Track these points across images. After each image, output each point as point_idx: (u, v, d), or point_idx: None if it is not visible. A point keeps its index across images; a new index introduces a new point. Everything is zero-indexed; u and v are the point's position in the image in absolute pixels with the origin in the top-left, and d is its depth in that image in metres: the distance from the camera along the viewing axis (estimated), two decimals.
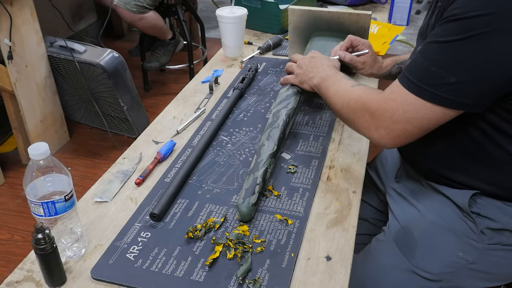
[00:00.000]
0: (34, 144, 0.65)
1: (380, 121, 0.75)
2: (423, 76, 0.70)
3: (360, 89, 0.82)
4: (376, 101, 0.76)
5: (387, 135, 0.75)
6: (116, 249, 0.74)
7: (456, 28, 0.66)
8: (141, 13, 2.30)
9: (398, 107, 0.73)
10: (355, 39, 1.09)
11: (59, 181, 0.68)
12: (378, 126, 0.75)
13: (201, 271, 0.70)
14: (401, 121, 0.73)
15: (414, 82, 0.70)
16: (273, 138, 0.90)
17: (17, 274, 0.71)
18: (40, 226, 0.63)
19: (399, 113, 0.73)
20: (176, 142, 1.00)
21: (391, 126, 0.74)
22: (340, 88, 0.86)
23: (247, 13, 1.39)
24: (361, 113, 0.78)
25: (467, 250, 0.84)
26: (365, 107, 0.78)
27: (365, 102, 0.78)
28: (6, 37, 1.78)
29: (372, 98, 0.77)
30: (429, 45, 0.70)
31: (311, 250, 0.74)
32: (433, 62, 0.68)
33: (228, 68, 1.36)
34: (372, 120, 0.76)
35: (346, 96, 0.83)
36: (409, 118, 0.72)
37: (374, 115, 0.76)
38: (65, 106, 2.22)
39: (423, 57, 0.70)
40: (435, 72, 0.68)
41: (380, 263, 0.92)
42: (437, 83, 0.68)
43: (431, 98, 0.69)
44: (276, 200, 0.84)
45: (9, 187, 2.00)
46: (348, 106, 0.81)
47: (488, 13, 0.63)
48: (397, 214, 0.94)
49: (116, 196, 0.86)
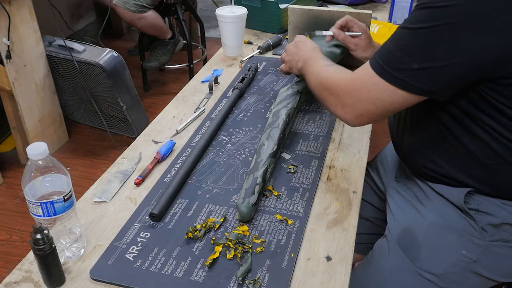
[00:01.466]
0: (33, 144, 0.65)
1: (346, 99, 0.78)
2: (389, 60, 0.72)
3: (332, 68, 0.86)
4: (344, 79, 0.79)
5: (351, 113, 0.78)
6: (115, 250, 0.74)
7: (423, 16, 0.68)
8: (140, 13, 2.30)
9: (363, 87, 0.75)
10: (351, 20, 1.10)
11: (58, 181, 0.67)
12: (344, 103, 0.79)
13: (201, 272, 0.70)
14: (364, 100, 0.76)
15: (381, 64, 0.73)
16: (273, 138, 0.89)
17: (15, 274, 0.71)
18: (39, 227, 0.63)
19: (363, 92, 0.75)
20: (175, 142, 1.00)
21: (355, 104, 0.77)
22: (315, 68, 0.90)
23: (247, 13, 1.38)
24: (330, 90, 0.82)
25: (470, 248, 0.84)
26: (334, 85, 0.81)
27: (334, 80, 0.81)
28: (5, 37, 1.77)
29: (341, 76, 0.81)
30: (398, 30, 0.73)
31: (311, 250, 0.74)
32: (399, 47, 0.71)
33: (228, 67, 1.35)
34: (339, 97, 0.79)
35: (319, 75, 0.86)
36: (372, 98, 0.75)
37: (341, 93, 0.79)
38: (64, 105, 2.21)
39: (391, 41, 0.73)
40: (400, 56, 0.70)
41: (385, 267, 0.92)
42: (401, 68, 0.70)
43: (394, 81, 0.72)
44: (276, 200, 0.83)
45: (7, 187, 1.99)
46: (320, 83, 0.85)
47: (454, 5, 0.65)
48: (397, 215, 0.94)
49: (115, 196, 0.86)
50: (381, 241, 0.96)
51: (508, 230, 0.82)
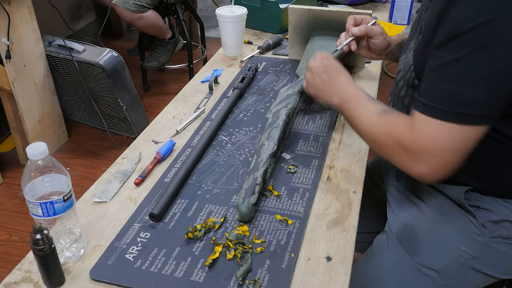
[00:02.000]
0: (33, 144, 0.65)
1: (418, 157, 0.70)
2: (447, 100, 0.67)
3: (386, 119, 0.77)
4: (408, 136, 0.71)
5: (429, 170, 0.71)
6: (115, 250, 0.74)
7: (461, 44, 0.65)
8: (140, 12, 2.29)
9: (433, 140, 0.68)
10: (356, 17, 1.06)
11: (58, 181, 0.67)
12: (417, 162, 0.71)
13: (201, 272, 0.70)
14: (440, 153, 0.69)
15: (442, 108, 0.67)
16: (273, 138, 0.89)
17: (15, 275, 0.71)
18: (39, 227, 0.63)
19: (435, 145, 0.68)
20: (175, 142, 1.00)
21: (430, 161, 0.70)
22: (365, 116, 0.80)
23: (247, 13, 1.38)
24: (394, 148, 0.74)
25: (470, 244, 0.84)
26: (397, 143, 0.73)
27: (396, 137, 0.74)
28: (4, 36, 1.77)
29: (402, 132, 0.73)
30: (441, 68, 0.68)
31: (311, 250, 0.74)
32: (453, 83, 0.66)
33: (228, 67, 1.35)
34: (409, 156, 0.72)
35: (373, 127, 0.78)
36: (447, 147, 0.68)
37: (409, 151, 0.71)
38: (64, 105, 2.21)
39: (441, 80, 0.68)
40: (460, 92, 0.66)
41: (384, 263, 0.92)
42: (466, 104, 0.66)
43: (465, 119, 0.66)
44: (276, 200, 0.83)
45: (7, 187, 1.99)
46: (379, 139, 0.77)
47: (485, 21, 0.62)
48: (398, 212, 0.94)
49: (115, 196, 0.86)
50: (380, 236, 0.96)
51: (508, 227, 0.83)
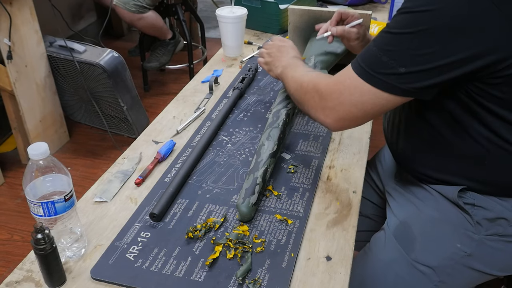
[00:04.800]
0: (34, 144, 0.65)
1: (327, 101, 0.78)
2: (374, 64, 0.72)
3: (313, 73, 0.87)
4: (325, 82, 0.79)
5: (332, 116, 0.78)
6: (116, 249, 0.74)
7: (406, 21, 0.69)
8: (140, 13, 2.30)
9: (345, 89, 0.75)
10: (344, 12, 1.09)
11: (59, 181, 0.67)
12: (325, 106, 0.78)
13: (201, 271, 0.70)
14: (346, 103, 0.75)
15: (365, 68, 0.73)
16: (273, 138, 0.90)
17: (16, 274, 0.71)
18: (40, 226, 0.63)
19: (345, 95, 0.75)
20: (176, 142, 1.00)
21: (336, 107, 0.77)
22: (296, 73, 0.90)
23: (247, 13, 1.38)
24: (311, 94, 0.82)
25: (465, 242, 0.85)
26: (315, 88, 0.81)
27: (315, 83, 0.81)
28: (6, 37, 1.78)
29: (322, 80, 0.81)
30: (383, 35, 0.73)
31: (311, 250, 0.74)
32: (384, 52, 0.71)
33: (228, 68, 1.36)
34: (320, 100, 0.79)
35: (300, 79, 0.87)
36: (354, 101, 0.75)
37: (322, 95, 0.79)
38: (65, 106, 2.22)
39: (376, 45, 0.73)
40: (386, 62, 0.70)
41: (380, 259, 0.93)
42: (387, 72, 0.71)
43: (379, 84, 0.72)
44: (276, 200, 0.84)
45: (8, 187, 2.00)
46: (301, 87, 0.85)
47: (435, 9, 0.66)
48: (395, 211, 0.95)
49: (116, 196, 0.86)
50: (378, 233, 0.97)
51: (503, 224, 0.83)
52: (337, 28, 1.07)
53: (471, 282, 0.90)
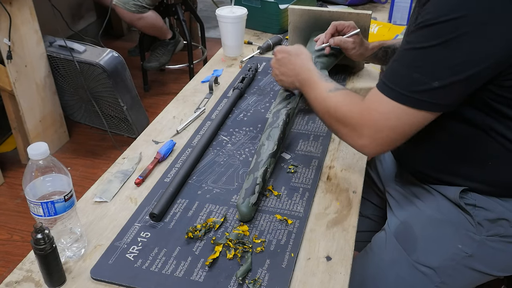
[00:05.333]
0: (34, 144, 0.65)
1: (363, 131, 0.75)
2: (404, 83, 0.70)
3: (338, 96, 0.81)
4: (357, 111, 0.76)
5: (370, 144, 0.75)
6: (116, 249, 0.74)
7: (430, 34, 0.68)
8: (140, 13, 2.30)
9: (380, 116, 0.73)
10: (339, 24, 1.10)
11: (59, 181, 0.67)
12: (361, 135, 0.76)
13: (201, 271, 0.70)
14: (384, 129, 0.73)
15: (396, 89, 0.71)
16: (273, 138, 0.90)
17: (16, 274, 0.71)
18: (40, 226, 0.63)
19: (381, 122, 0.73)
20: (176, 142, 1.00)
21: (374, 135, 0.74)
22: (318, 94, 0.85)
23: (247, 13, 1.38)
24: (342, 123, 0.79)
25: (466, 242, 0.85)
26: (346, 117, 0.78)
27: (345, 112, 0.78)
28: (6, 37, 1.78)
29: (352, 108, 0.77)
30: (406, 52, 0.72)
31: (311, 250, 0.74)
32: (414, 69, 0.70)
33: (228, 68, 1.35)
34: (355, 130, 0.76)
35: (325, 104, 0.82)
36: (392, 126, 0.73)
37: (356, 126, 0.76)
38: (65, 106, 2.22)
39: (402, 64, 0.71)
40: (418, 78, 0.69)
41: (381, 259, 0.93)
42: (420, 90, 0.69)
43: (415, 104, 0.70)
44: (276, 200, 0.84)
45: (8, 187, 1.99)
46: (329, 114, 0.82)
47: (458, 17, 0.65)
48: (396, 211, 0.95)
49: (115, 196, 0.86)
50: (379, 234, 0.97)
51: (505, 225, 0.83)
52: (334, 39, 1.09)
53: (472, 283, 0.90)
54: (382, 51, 1.14)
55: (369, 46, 1.13)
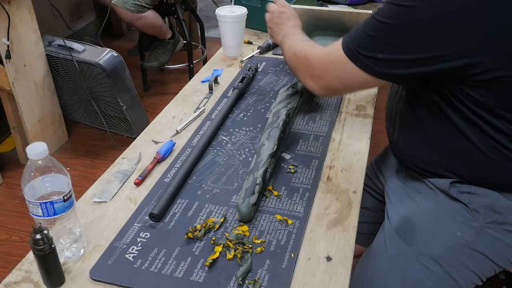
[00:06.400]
0: (32, 144, 0.65)
1: (315, 70, 0.86)
2: (358, 44, 0.78)
3: (307, 43, 0.95)
4: (316, 53, 0.87)
5: (317, 83, 0.86)
6: (115, 250, 0.74)
7: (391, 12, 0.73)
8: (139, 12, 2.29)
9: (330, 62, 0.83)
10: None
11: (58, 181, 0.67)
12: (312, 74, 0.87)
13: (201, 272, 0.70)
14: (330, 74, 0.83)
15: (350, 46, 0.78)
16: (273, 138, 0.89)
17: (15, 274, 0.71)
18: (39, 227, 0.63)
19: (330, 67, 0.83)
20: (175, 142, 1.00)
21: (322, 77, 0.85)
22: (292, 42, 0.98)
23: (247, 12, 1.38)
24: (302, 61, 0.90)
25: (465, 229, 0.86)
26: (306, 57, 0.89)
27: (307, 53, 0.89)
28: (4, 36, 1.77)
29: (313, 50, 0.89)
30: (371, 19, 0.77)
31: (311, 250, 0.74)
32: (368, 36, 0.76)
33: (228, 67, 1.35)
34: (309, 68, 0.87)
35: (294, 47, 0.95)
36: (336, 75, 0.82)
37: (310, 64, 0.87)
38: (64, 105, 2.21)
39: (363, 27, 0.78)
40: (368, 45, 0.76)
41: (384, 256, 0.93)
42: (367, 55, 0.76)
43: (359, 64, 0.78)
44: (276, 200, 0.83)
45: (7, 187, 1.99)
46: (294, 55, 0.94)
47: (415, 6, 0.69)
48: (396, 205, 0.96)
49: (115, 196, 0.86)
50: (380, 233, 0.98)
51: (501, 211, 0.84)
52: None
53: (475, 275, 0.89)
54: None
55: None
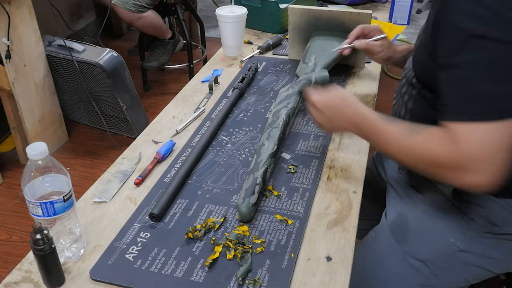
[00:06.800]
0: (33, 144, 0.65)
1: (469, 168, 0.65)
2: (483, 99, 0.64)
3: (419, 139, 0.71)
4: (451, 152, 0.66)
5: (484, 177, 0.64)
6: (115, 250, 0.74)
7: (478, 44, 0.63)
8: (139, 12, 2.29)
9: (480, 144, 0.64)
10: (365, 27, 1.09)
11: (58, 181, 0.67)
12: (468, 173, 0.65)
13: (201, 272, 0.70)
14: (490, 155, 0.64)
15: (475, 109, 0.64)
16: (273, 138, 0.89)
17: (15, 275, 0.71)
18: (39, 227, 0.63)
19: (484, 149, 0.63)
20: (175, 142, 1.00)
21: (483, 167, 0.64)
22: (391, 140, 0.75)
23: (247, 13, 1.38)
24: (438, 168, 0.69)
25: (458, 237, 0.85)
26: (440, 163, 0.68)
27: (435, 158, 0.68)
28: (4, 36, 1.77)
29: (443, 150, 0.67)
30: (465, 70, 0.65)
31: (311, 250, 0.74)
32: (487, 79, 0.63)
33: (228, 67, 1.35)
34: (457, 170, 0.66)
35: (407, 151, 0.73)
36: (497, 147, 0.63)
37: (457, 166, 0.66)
38: (64, 105, 2.21)
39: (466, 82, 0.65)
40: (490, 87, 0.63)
41: (373, 250, 0.93)
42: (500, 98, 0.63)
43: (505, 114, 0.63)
44: (276, 200, 0.83)
45: (7, 187, 1.99)
46: (417, 163, 0.72)
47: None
48: (395, 203, 0.96)
49: (115, 196, 0.86)
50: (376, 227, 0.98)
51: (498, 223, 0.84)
52: (360, 42, 1.07)
53: (464, 279, 0.90)
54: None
55: (397, 49, 1.10)
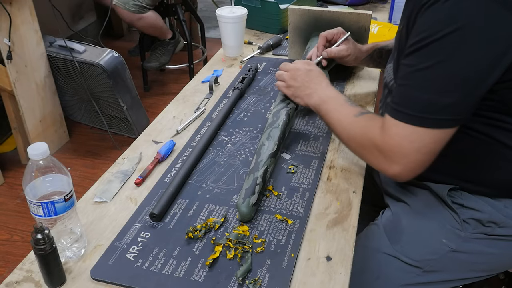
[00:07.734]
0: (34, 144, 0.65)
1: (391, 157, 0.74)
2: (418, 106, 0.70)
3: (363, 120, 0.81)
4: (380, 137, 0.75)
5: (402, 170, 0.74)
6: (116, 249, 0.74)
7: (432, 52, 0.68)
8: (140, 13, 2.30)
9: (403, 141, 0.72)
10: (327, 33, 1.09)
11: (59, 181, 0.67)
12: (390, 162, 0.75)
13: (201, 271, 0.70)
14: (410, 153, 0.72)
15: (411, 113, 0.71)
16: (273, 138, 0.90)
17: (16, 274, 0.71)
18: (40, 227, 0.63)
19: (405, 146, 0.72)
20: (176, 142, 1.00)
21: (402, 161, 0.73)
22: (343, 117, 0.84)
23: (247, 13, 1.38)
24: (369, 148, 0.78)
25: (451, 238, 0.86)
26: (372, 143, 0.77)
27: (370, 138, 0.77)
28: (6, 37, 1.78)
29: (376, 133, 0.76)
30: (411, 75, 0.71)
31: (311, 250, 0.74)
32: (423, 90, 0.69)
33: (228, 68, 1.35)
34: (382, 156, 0.75)
35: (351, 128, 0.82)
36: (417, 148, 0.72)
37: (382, 151, 0.75)
38: (65, 106, 2.22)
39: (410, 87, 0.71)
40: (429, 98, 0.69)
41: (366, 246, 0.94)
42: (434, 109, 0.69)
43: (433, 124, 0.70)
44: (276, 200, 0.84)
45: (8, 187, 1.99)
46: (355, 140, 0.81)
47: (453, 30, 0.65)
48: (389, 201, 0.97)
49: (115, 196, 0.86)
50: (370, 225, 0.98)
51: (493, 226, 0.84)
52: (328, 52, 1.07)
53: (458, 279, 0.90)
54: (377, 52, 1.13)
55: (362, 48, 1.12)
